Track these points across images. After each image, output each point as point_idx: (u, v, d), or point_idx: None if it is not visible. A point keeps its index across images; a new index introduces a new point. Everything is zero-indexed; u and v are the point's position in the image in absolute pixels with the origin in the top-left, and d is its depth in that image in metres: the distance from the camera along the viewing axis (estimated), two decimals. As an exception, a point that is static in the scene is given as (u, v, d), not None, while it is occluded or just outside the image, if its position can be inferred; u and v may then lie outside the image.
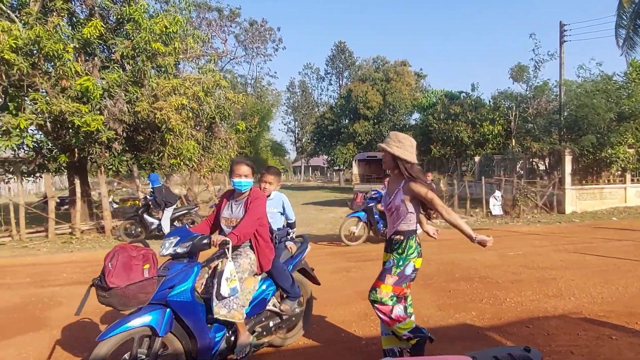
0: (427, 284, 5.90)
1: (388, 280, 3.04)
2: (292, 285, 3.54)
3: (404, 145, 3.03)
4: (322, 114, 40.03)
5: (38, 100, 8.90)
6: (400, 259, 3.05)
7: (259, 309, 3.36)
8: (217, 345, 3.02)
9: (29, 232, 10.09)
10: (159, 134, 10.70)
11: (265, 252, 3.35)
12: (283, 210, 4.06)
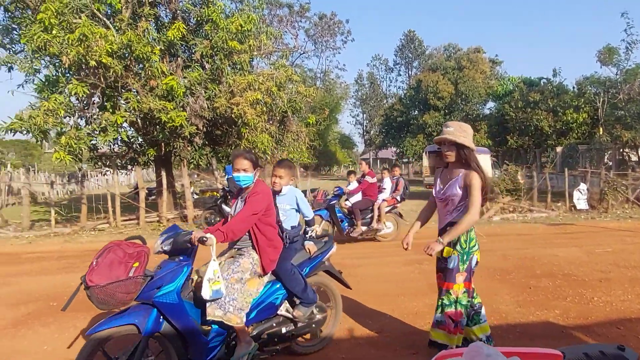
0: (504, 279, 5.71)
1: (458, 279, 2.97)
2: (304, 290, 3.21)
3: (468, 134, 3.00)
4: (390, 106, 39.49)
5: (130, 99, 9.75)
6: (465, 254, 2.97)
7: (266, 314, 3.13)
8: (214, 350, 2.86)
9: (123, 219, 11.13)
10: (235, 128, 11.26)
11: (268, 252, 3.09)
12: (297, 207, 3.64)
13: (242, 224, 2.94)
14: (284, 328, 3.21)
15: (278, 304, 3.18)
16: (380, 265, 6.61)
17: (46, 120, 9.05)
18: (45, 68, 10.20)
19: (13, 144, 44.13)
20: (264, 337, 3.11)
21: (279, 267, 3.14)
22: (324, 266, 3.58)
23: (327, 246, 3.62)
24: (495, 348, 1.23)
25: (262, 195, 3.03)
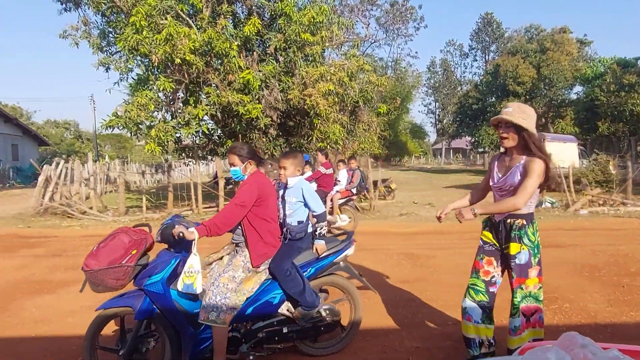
0: (594, 276, 5.32)
1: (531, 273, 2.75)
2: (301, 292, 2.99)
3: (530, 116, 2.67)
4: (465, 93, 37.81)
5: (210, 93, 10.33)
6: (535, 247, 2.75)
7: (264, 312, 3.05)
8: (205, 342, 2.91)
9: (204, 206, 11.88)
10: (307, 119, 11.50)
11: (257, 247, 2.97)
12: (304, 201, 3.23)
13: (226, 217, 2.86)
14: (285, 327, 3.10)
15: (276, 303, 3.06)
16: (456, 256, 6.46)
17: (139, 114, 9.89)
18: (137, 67, 11.12)
19: (109, 138, 48.72)
20: (262, 335, 3.06)
21: (274, 266, 2.99)
22: (336, 268, 3.31)
23: (342, 246, 3.31)
24: (590, 340, 1.20)
25: (249, 185, 2.95)
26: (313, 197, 3.21)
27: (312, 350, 3.28)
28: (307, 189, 3.21)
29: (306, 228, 3.19)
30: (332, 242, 3.30)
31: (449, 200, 11.47)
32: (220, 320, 2.79)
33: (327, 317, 3.20)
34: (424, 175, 27.45)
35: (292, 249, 3.10)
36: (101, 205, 12.46)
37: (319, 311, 3.15)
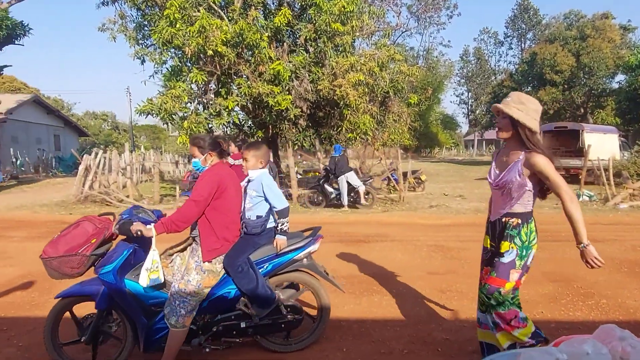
0: (633, 272, 5.13)
1: (512, 276, 2.57)
2: (254, 289, 2.91)
3: (528, 108, 2.49)
4: (499, 83, 36.72)
5: (242, 84, 10.47)
6: (524, 248, 2.56)
7: (220, 306, 3.02)
8: (159, 332, 2.89)
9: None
10: (337, 110, 11.48)
11: (209, 242, 2.88)
12: (264, 195, 3.07)
13: (183, 214, 2.81)
14: (243, 322, 3.05)
15: (231, 298, 3.01)
16: (487, 250, 6.34)
17: (172, 105, 10.14)
18: (171, 59, 11.37)
19: (144, 129, 50.17)
20: (220, 328, 3.03)
21: (226, 261, 2.91)
22: (298, 264, 3.17)
23: (304, 243, 3.17)
24: (629, 332, 1.17)
25: (206, 180, 2.87)
26: (273, 191, 3.07)
27: (273, 345, 3.23)
28: (267, 183, 3.06)
29: (264, 223, 3.07)
30: (295, 238, 3.17)
31: (481, 193, 11.39)
32: (180, 324, 2.80)
33: (288, 315, 3.13)
34: (455, 167, 26.95)
35: (247, 244, 3.01)
36: (137, 193, 12.88)
37: (279, 308, 3.10)
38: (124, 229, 2.78)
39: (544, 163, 2.42)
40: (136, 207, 3.13)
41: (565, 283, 4.75)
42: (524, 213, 2.58)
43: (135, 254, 2.90)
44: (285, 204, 3.09)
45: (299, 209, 10.87)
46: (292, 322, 3.16)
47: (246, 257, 2.95)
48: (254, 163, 3.11)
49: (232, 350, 3.20)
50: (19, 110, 23.71)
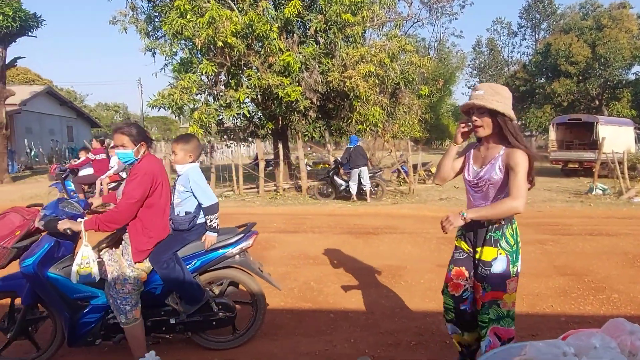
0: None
1: (510, 286, 2.29)
2: (181, 285, 2.85)
3: (505, 98, 2.25)
4: (512, 74, 36.19)
5: (251, 76, 10.45)
6: (514, 253, 2.31)
7: (145, 301, 2.93)
8: (86, 327, 2.84)
9: (245, 187, 12.16)
10: (347, 102, 11.42)
11: (140, 243, 2.77)
12: (192, 191, 2.96)
13: (117, 215, 2.70)
14: (172, 319, 2.99)
15: (159, 294, 2.96)
16: (497, 243, 6.30)
17: (182, 97, 10.18)
18: (181, 51, 11.39)
19: (155, 121, 50.50)
20: (149, 324, 2.95)
21: (152, 257, 2.81)
22: (230, 261, 3.08)
23: (235, 239, 3.08)
24: (639, 326, 1.15)
25: (140, 178, 2.72)
26: (200, 187, 2.95)
27: (206, 342, 3.18)
28: (194, 179, 2.94)
29: (193, 219, 2.97)
30: (226, 235, 3.09)
31: (492, 185, 11.01)
32: (131, 320, 2.75)
33: (220, 312, 3.07)
34: (466, 160, 26.70)
35: (175, 240, 2.92)
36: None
37: (210, 305, 3.05)
38: (50, 227, 2.68)
39: (522, 160, 2.19)
40: (61, 200, 2.99)
41: (576, 277, 4.70)
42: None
43: (60, 247, 2.81)
44: (212, 200, 2.98)
45: (309, 201, 10.90)
46: (224, 320, 3.10)
47: (173, 253, 2.86)
48: (182, 157, 2.98)
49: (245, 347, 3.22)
50: (33, 102, 23.99)
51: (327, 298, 4.27)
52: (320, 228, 7.45)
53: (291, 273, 5.02)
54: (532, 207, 9.35)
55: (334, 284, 4.64)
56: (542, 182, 13.97)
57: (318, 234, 7.02)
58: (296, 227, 7.57)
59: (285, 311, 3.97)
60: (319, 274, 4.95)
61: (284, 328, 3.61)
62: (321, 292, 4.43)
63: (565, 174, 15.97)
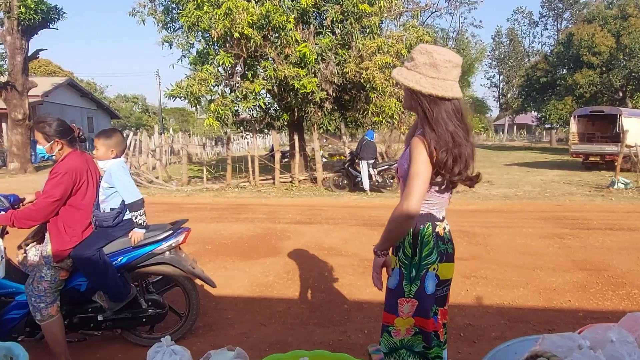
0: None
1: (402, 308, 1.78)
2: (105, 282, 2.80)
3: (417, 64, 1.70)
4: (533, 65, 35.38)
5: (268, 67, 10.46)
6: (412, 267, 1.76)
7: (73, 297, 2.90)
8: (10, 323, 2.79)
9: (261, 178, 12.23)
10: (363, 93, 11.35)
11: (59, 243, 2.68)
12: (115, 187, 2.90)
13: (34, 213, 2.62)
14: (99, 315, 2.94)
15: (84, 291, 2.90)
16: (514, 235, 6.23)
17: (199, 89, 10.26)
18: (198, 42, 11.45)
19: (173, 112, 51.06)
20: (76, 320, 2.93)
21: (74, 253, 2.72)
22: (160, 258, 3.01)
23: (163, 235, 3.00)
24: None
25: (60, 177, 2.62)
26: (122, 183, 2.85)
27: (137, 339, 3.13)
28: (116, 174, 2.84)
29: (117, 216, 2.89)
30: (155, 231, 3.01)
31: (510, 179, 11.22)
32: (46, 316, 2.68)
33: (150, 309, 3.04)
34: (484, 152, 26.34)
35: (99, 237, 2.84)
36: (166, 175, 13.20)
37: (139, 302, 3.02)
38: None
39: (416, 151, 1.67)
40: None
41: (595, 272, 4.63)
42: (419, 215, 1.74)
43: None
44: (136, 197, 2.88)
45: (324, 192, 10.92)
46: (154, 317, 3.07)
47: (97, 249, 2.77)
48: (104, 152, 2.89)
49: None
50: (55, 93, 24.46)
51: (342, 289, 4.29)
52: (335, 219, 7.46)
53: (305, 263, 5.05)
54: (550, 201, 9.20)
55: (348, 275, 4.66)
56: (562, 175, 13.71)
57: (333, 225, 7.03)
58: (311, 219, 7.60)
59: (300, 301, 4.01)
60: (334, 265, 4.97)
61: (298, 317, 3.65)
62: (335, 283, 4.45)
63: (586, 168, 15.63)
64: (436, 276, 1.77)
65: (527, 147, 34.65)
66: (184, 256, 3.16)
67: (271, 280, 4.54)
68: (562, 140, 36.93)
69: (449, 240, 1.84)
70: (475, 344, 3.15)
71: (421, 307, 1.76)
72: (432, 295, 1.77)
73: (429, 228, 1.77)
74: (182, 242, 3.11)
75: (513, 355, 1.16)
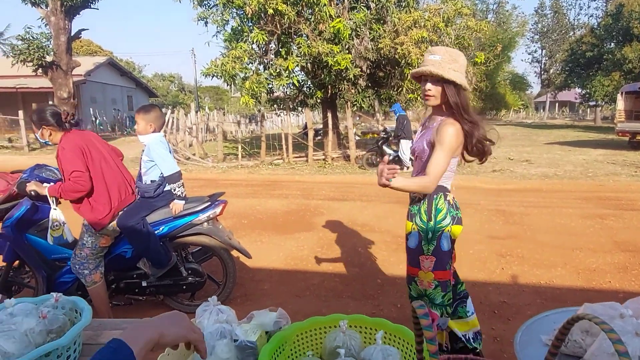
0: None
1: (424, 263, 2.15)
2: (147, 249, 2.99)
3: (462, 66, 2.08)
4: (578, 39, 33.45)
5: (301, 44, 10.39)
6: (428, 231, 2.13)
7: (119, 264, 3.12)
8: (62, 286, 3.02)
9: (294, 156, 12.33)
10: (398, 69, 11.13)
11: (93, 212, 2.84)
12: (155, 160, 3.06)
13: (70, 190, 2.76)
14: (144, 282, 3.16)
15: (130, 257, 3.10)
16: (553, 215, 6.07)
17: (233, 67, 10.34)
18: (232, 19, 11.48)
19: (208, 90, 51.78)
20: (122, 285, 3.16)
21: (119, 221, 2.91)
22: (198, 228, 3.17)
23: (201, 207, 3.16)
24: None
25: (67, 152, 2.74)
26: (161, 156, 3.00)
27: (178, 306, 3.31)
28: (155, 148, 2.99)
29: (158, 187, 3.07)
30: (194, 202, 3.18)
31: (550, 158, 10.85)
32: (89, 283, 2.89)
33: (190, 277, 3.22)
34: (523, 131, 25.44)
35: (142, 207, 3.02)
36: (202, 152, 13.52)
37: (179, 269, 3.20)
38: (21, 188, 2.84)
39: (447, 133, 2.01)
40: (39, 166, 3.12)
41: (638, 253, 4.47)
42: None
43: (38, 210, 2.97)
44: (172, 170, 3.02)
45: (357, 170, 10.91)
46: (194, 284, 3.25)
47: (140, 218, 2.96)
48: (144, 127, 3.03)
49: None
50: (96, 72, 25.24)
51: (375, 264, 4.35)
52: (368, 197, 7.48)
53: (339, 239, 5.13)
54: (593, 181, 8.85)
55: (381, 251, 4.71)
56: (606, 155, 13.11)
57: (366, 202, 7.06)
58: (344, 195, 7.65)
59: (334, 275, 4.09)
60: (367, 241, 5.03)
61: (332, 290, 3.74)
62: (369, 258, 4.51)
63: (633, 147, 14.84)
64: (449, 237, 2.14)
65: (569, 125, 33.14)
66: (221, 228, 3.29)
67: (305, 254, 4.65)
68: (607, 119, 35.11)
69: (457, 207, 2.19)
70: (509, 322, 3.15)
71: (438, 262, 2.12)
72: (448, 252, 2.13)
73: (442, 198, 2.14)
74: (219, 214, 3.24)
75: (552, 325, 1.17)
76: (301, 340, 1.27)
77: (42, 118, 2.79)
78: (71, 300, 1.31)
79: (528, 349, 1.08)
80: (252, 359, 1.16)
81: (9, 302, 1.20)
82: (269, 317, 1.32)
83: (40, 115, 2.80)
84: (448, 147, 2.00)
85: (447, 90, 2.04)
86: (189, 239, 3.25)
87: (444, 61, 2.03)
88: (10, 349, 1.04)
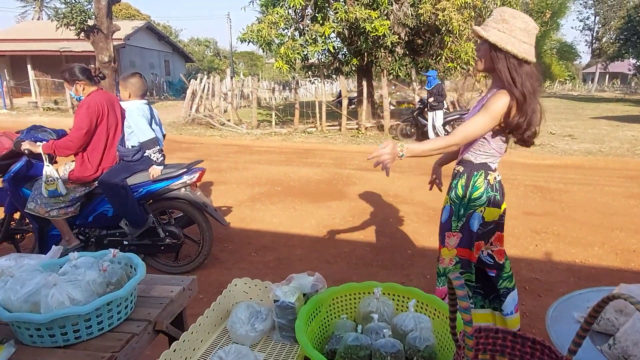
0: None
1: (449, 240, 2.07)
2: (125, 209, 3.17)
3: (512, 27, 1.77)
4: (637, 5, 31.04)
5: (339, 9, 10.16)
6: (461, 207, 2.02)
7: (103, 222, 3.34)
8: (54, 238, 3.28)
9: (328, 124, 12.30)
10: (438, 37, 10.76)
11: (84, 169, 3.15)
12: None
13: (68, 143, 3.05)
14: (125, 240, 3.35)
15: (111, 216, 3.30)
16: (594, 193, 5.87)
17: (269, 32, 10.26)
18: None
19: (242, 56, 51.70)
20: (106, 242, 3.37)
21: (101, 181, 3.14)
22: (175, 193, 3.35)
23: (178, 173, 3.31)
24: None
25: (85, 110, 3.04)
26: (136, 123, 3.16)
27: (160, 266, 3.50)
28: (133, 115, 3.16)
29: (137, 153, 3.24)
30: (172, 169, 3.33)
31: (595, 133, 10.47)
32: (35, 210, 3.10)
33: (167, 239, 3.39)
34: (568, 103, 24.22)
35: (123, 169, 3.22)
36: (237, 118, 13.68)
37: (157, 231, 3.37)
38: (17, 147, 3.07)
39: (494, 101, 1.83)
40: (35, 127, 3.33)
41: (684, 236, 4.31)
42: (473, 163, 2.01)
43: (32, 166, 3.21)
44: (147, 136, 3.17)
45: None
46: (171, 246, 3.42)
47: (121, 179, 3.15)
48: (123, 94, 3.25)
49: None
50: (135, 37, 25.62)
51: (406, 235, 4.38)
52: (401, 168, 7.43)
53: (371, 209, 5.17)
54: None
55: (413, 222, 4.73)
56: None
57: (399, 173, 7.03)
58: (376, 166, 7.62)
59: (364, 244, 4.17)
60: (398, 212, 5.05)
61: (362, 259, 3.82)
62: (399, 229, 4.55)
63: (689, 124, 13.94)
64: (482, 217, 2.01)
65: (619, 98, 31.24)
66: (198, 194, 3.46)
67: (337, 222, 4.73)
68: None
69: (498, 189, 2.05)
70: (540, 298, 3.15)
71: (464, 240, 2.03)
72: (475, 233, 2.01)
73: (482, 176, 2.01)
74: (196, 180, 3.43)
75: (585, 302, 1.18)
76: (336, 303, 1.33)
77: (73, 74, 3.10)
78: (127, 256, 1.43)
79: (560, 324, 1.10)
80: (291, 318, 1.24)
81: (73, 255, 1.32)
82: (307, 280, 1.39)
83: (72, 71, 3.10)
84: (490, 112, 1.83)
85: (492, 55, 1.81)
86: (166, 203, 3.47)
87: (492, 20, 1.83)
88: (77, 296, 1.16)
